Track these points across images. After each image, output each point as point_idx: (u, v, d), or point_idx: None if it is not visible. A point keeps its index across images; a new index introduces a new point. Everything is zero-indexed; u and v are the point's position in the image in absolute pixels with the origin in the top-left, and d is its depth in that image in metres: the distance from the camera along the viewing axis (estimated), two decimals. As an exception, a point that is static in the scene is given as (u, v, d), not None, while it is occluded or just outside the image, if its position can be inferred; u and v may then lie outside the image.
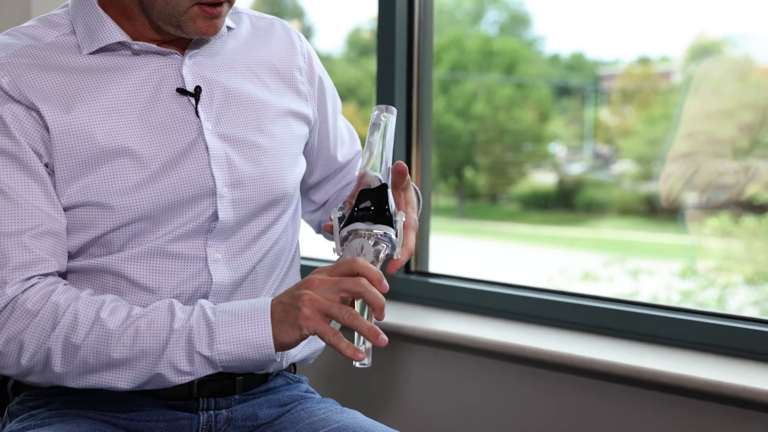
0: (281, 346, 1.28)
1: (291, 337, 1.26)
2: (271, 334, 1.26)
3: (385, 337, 1.23)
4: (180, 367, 1.28)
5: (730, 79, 2.83)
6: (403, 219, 1.34)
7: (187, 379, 1.29)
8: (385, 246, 1.31)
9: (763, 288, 3.09)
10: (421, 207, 1.52)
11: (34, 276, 1.32)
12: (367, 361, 1.24)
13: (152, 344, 1.28)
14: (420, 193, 1.54)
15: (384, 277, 1.25)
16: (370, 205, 1.31)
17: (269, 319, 1.27)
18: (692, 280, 3.38)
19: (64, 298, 1.30)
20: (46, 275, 1.33)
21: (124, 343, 1.28)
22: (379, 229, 1.29)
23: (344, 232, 1.31)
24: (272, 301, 1.29)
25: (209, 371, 1.29)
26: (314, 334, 1.24)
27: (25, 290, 1.30)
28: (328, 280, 1.24)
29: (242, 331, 1.27)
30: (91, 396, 1.44)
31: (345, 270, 1.25)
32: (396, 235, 1.32)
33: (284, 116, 1.51)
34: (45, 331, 1.29)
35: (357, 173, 1.40)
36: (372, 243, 1.29)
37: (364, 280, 1.23)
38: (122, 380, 1.30)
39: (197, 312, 1.29)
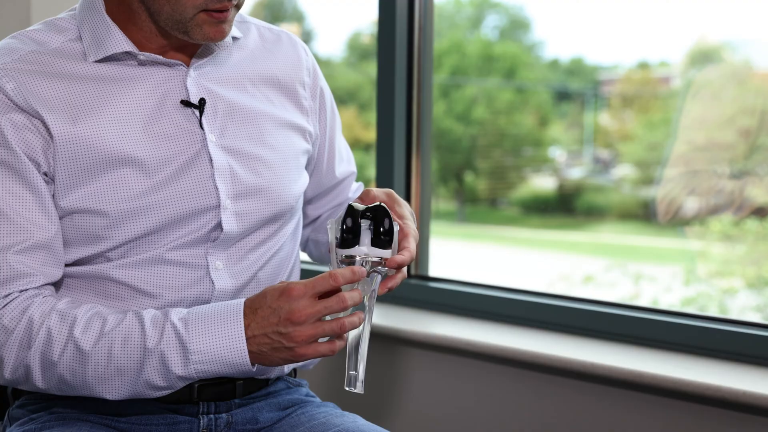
0: (263, 366, 1.31)
1: (280, 365, 1.31)
2: (247, 354, 1.28)
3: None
4: (157, 384, 1.31)
5: (730, 85, 2.84)
6: (397, 228, 1.34)
7: (165, 392, 1.32)
8: (381, 272, 1.32)
9: (764, 292, 3.08)
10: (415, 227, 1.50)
11: (12, 292, 1.32)
12: (359, 387, 1.29)
13: (127, 364, 1.29)
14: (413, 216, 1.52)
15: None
16: (370, 226, 1.30)
17: (243, 334, 1.28)
18: (692, 285, 3.38)
19: (39, 313, 1.31)
20: (26, 290, 1.33)
21: (98, 362, 1.29)
22: (375, 254, 1.30)
23: (342, 255, 1.31)
24: (250, 324, 1.28)
25: (185, 383, 1.32)
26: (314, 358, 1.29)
27: (3, 306, 1.31)
28: (313, 326, 1.25)
29: (217, 351, 1.28)
30: (92, 400, 1.45)
31: (333, 305, 1.25)
32: (391, 254, 1.32)
33: (285, 130, 1.51)
34: (22, 347, 1.30)
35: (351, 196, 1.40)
36: (369, 268, 1.30)
37: (347, 324, 1.25)
38: (103, 395, 1.32)
39: (168, 330, 1.29)
